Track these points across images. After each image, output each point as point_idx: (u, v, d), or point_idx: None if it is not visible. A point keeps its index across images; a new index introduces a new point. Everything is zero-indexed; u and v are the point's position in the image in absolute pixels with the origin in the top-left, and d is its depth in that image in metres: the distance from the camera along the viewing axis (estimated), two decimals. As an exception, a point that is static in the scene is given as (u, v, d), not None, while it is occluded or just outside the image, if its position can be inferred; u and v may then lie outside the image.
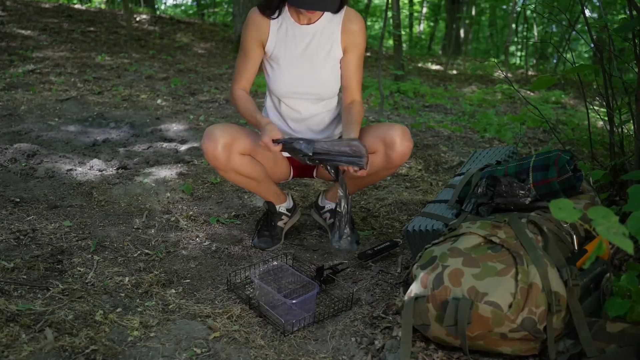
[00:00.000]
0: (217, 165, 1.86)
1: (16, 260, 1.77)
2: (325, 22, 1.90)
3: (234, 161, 1.86)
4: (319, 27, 1.89)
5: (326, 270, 1.81)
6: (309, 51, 1.90)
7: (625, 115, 2.35)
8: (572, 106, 6.10)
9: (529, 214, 1.51)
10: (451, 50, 11.39)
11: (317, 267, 1.81)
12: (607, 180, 2.18)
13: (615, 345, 1.26)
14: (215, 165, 1.86)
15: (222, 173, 1.91)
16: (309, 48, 1.90)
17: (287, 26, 1.90)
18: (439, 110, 5.32)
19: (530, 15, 10.16)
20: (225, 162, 1.84)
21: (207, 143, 1.83)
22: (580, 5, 2.31)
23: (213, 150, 1.82)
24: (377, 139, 1.87)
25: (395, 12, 5.98)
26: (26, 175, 2.65)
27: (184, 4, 19.50)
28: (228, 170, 1.88)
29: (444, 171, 3.19)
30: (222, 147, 1.82)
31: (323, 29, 1.90)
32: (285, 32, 1.90)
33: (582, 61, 13.35)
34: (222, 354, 1.39)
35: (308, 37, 1.90)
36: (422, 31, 19.39)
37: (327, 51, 1.91)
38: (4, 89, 4.51)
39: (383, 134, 1.86)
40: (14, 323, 1.39)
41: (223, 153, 1.83)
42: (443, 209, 1.86)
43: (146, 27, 8.61)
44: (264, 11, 1.89)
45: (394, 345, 1.40)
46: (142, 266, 1.86)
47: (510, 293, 1.27)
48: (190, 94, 4.97)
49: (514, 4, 10.49)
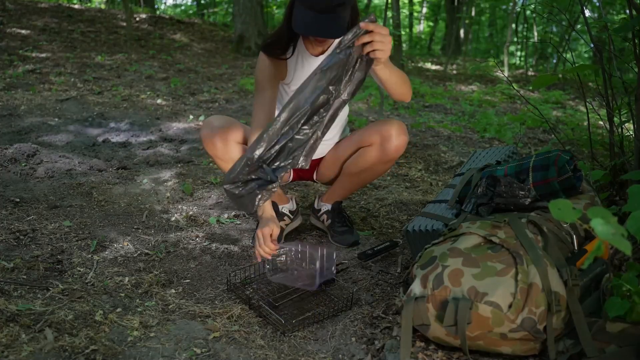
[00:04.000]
0: (216, 154, 1.89)
1: (16, 260, 1.77)
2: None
3: (232, 150, 1.89)
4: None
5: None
6: None
7: (625, 115, 2.35)
8: (572, 106, 6.10)
9: (528, 214, 1.51)
10: (451, 50, 11.40)
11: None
12: (607, 180, 2.18)
13: (615, 345, 1.26)
14: (214, 154, 1.90)
15: (222, 163, 1.92)
16: None
17: (303, 59, 1.90)
18: (438, 110, 5.32)
19: (530, 15, 10.17)
20: (223, 149, 1.89)
21: (205, 131, 1.90)
22: (580, 5, 2.31)
23: (211, 138, 1.88)
24: (374, 132, 1.91)
25: (395, 12, 5.98)
26: (26, 175, 2.65)
27: (184, 4, 19.50)
28: (227, 160, 1.90)
29: (444, 171, 3.19)
30: (220, 135, 1.88)
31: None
32: (302, 65, 1.90)
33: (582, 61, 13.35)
34: (222, 354, 1.39)
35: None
36: (422, 31, 19.39)
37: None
38: (4, 89, 4.51)
39: (380, 127, 1.90)
40: (14, 323, 1.39)
41: (221, 141, 1.88)
42: (443, 209, 1.86)
43: (146, 27, 8.61)
44: (273, 52, 1.84)
45: (394, 345, 1.40)
46: (142, 266, 1.86)
47: (510, 293, 1.27)
48: (190, 94, 4.97)
49: (514, 4, 10.49)
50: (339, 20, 1.64)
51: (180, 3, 19.57)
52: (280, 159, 1.48)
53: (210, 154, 1.91)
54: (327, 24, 1.63)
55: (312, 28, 1.66)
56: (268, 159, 1.48)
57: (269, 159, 1.48)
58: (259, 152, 1.46)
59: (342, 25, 1.65)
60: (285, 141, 1.46)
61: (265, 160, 1.47)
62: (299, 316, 1.59)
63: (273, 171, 1.48)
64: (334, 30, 1.66)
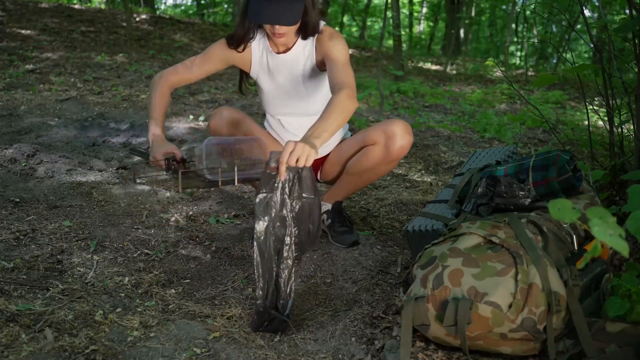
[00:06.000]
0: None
1: (16, 260, 1.77)
2: (300, 50, 1.95)
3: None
4: (294, 54, 1.95)
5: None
6: (287, 78, 1.98)
7: (625, 115, 2.35)
8: (572, 106, 6.10)
9: (528, 214, 1.52)
10: (451, 50, 11.40)
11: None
12: (607, 180, 2.18)
13: (615, 345, 1.26)
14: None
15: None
16: (287, 75, 1.98)
17: (267, 56, 1.98)
18: (438, 110, 5.32)
19: (530, 15, 10.16)
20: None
21: (214, 120, 1.99)
22: (580, 6, 2.31)
23: (219, 126, 1.97)
24: (379, 131, 1.91)
25: (394, 12, 5.99)
26: (26, 175, 2.65)
27: (184, 4, 19.51)
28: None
29: (443, 171, 3.19)
30: (227, 124, 1.98)
31: (298, 56, 1.96)
32: (266, 61, 1.99)
33: (582, 61, 13.35)
34: (222, 354, 1.39)
35: (285, 66, 1.97)
36: (422, 31, 19.39)
37: (303, 75, 1.97)
38: (4, 89, 4.51)
39: (384, 127, 1.91)
40: (13, 323, 1.39)
41: (227, 130, 1.98)
42: (443, 209, 1.86)
43: (146, 27, 8.61)
44: (233, 44, 1.95)
45: (394, 345, 1.40)
46: (142, 266, 1.86)
47: (510, 293, 1.27)
48: (190, 94, 4.97)
49: (514, 4, 10.49)
50: (291, 9, 1.74)
51: (180, 3, 19.58)
52: (282, 295, 1.52)
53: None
54: (277, 12, 1.73)
55: (262, 15, 1.75)
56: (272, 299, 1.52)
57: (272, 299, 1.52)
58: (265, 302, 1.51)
59: (293, 13, 1.75)
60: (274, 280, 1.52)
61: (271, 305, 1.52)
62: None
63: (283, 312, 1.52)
64: (285, 18, 1.75)
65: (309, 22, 1.87)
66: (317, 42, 1.93)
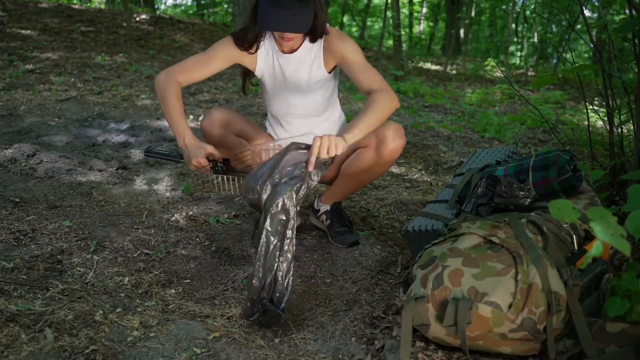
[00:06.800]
0: (212, 142, 1.96)
1: (16, 260, 1.77)
2: (306, 50, 1.95)
3: (229, 140, 2.01)
4: (301, 55, 1.95)
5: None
6: (292, 78, 1.98)
7: (625, 115, 2.35)
8: (572, 106, 6.10)
9: (528, 214, 1.52)
10: (451, 50, 11.41)
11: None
12: (607, 180, 2.18)
13: (615, 345, 1.26)
14: (210, 142, 1.95)
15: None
16: (292, 75, 1.98)
17: (274, 55, 1.98)
18: (438, 110, 5.32)
19: (529, 15, 10.17)
20: (219, 138, 1.99)
21: (205, 120, 2.01)
22: (580, 6, 2.31)
23: (210, 127, 1.99)
24: (371, 134, 1.89)
25: (394, 12, 5.98)
26: (26, 175, 2.65)
27: (184, 4, 19.51)
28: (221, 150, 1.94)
29: (443, 171, 3.19)
30: (219, 124, 1.99)
31: (305, 57, 1.96)
32: (272, 60, 1.99)
33: (582, 61, 13.36)
34: (222, 354, 1.39)
35: (291, 66, 1.97)
36: (422, 31, 19.39)
37: (309, 76, 1.97)
38: (4, 89, 4.51)
39: (377, 130, 1.89)
40: (13, 323, 1.39)
41: (218, 130, 1.99)
42: (443, 209, 1.86)
43: (146, 27, 8.61)
44: (241, 45, 1.93)
45: (394, 345, 1.40)
46: (142, 266, 1.86)
47: (510, 293, 1.27)
48: (190, 94, 4.97)
49: (514, 4, 10.49)
50: (300, 16, 1.73)
51: (180, 3, 19.57)
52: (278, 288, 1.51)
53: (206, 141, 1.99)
54: (287, 19, 1.72)
55: (271, 23, 1.74)
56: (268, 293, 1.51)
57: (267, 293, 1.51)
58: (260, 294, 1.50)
59: (305, 19, 1.75)
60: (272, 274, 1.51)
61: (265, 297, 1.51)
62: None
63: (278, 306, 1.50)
64: (297, 25, 1.74)
65: (318, 26, 1.86)
66: (325, 42, 1.93)
